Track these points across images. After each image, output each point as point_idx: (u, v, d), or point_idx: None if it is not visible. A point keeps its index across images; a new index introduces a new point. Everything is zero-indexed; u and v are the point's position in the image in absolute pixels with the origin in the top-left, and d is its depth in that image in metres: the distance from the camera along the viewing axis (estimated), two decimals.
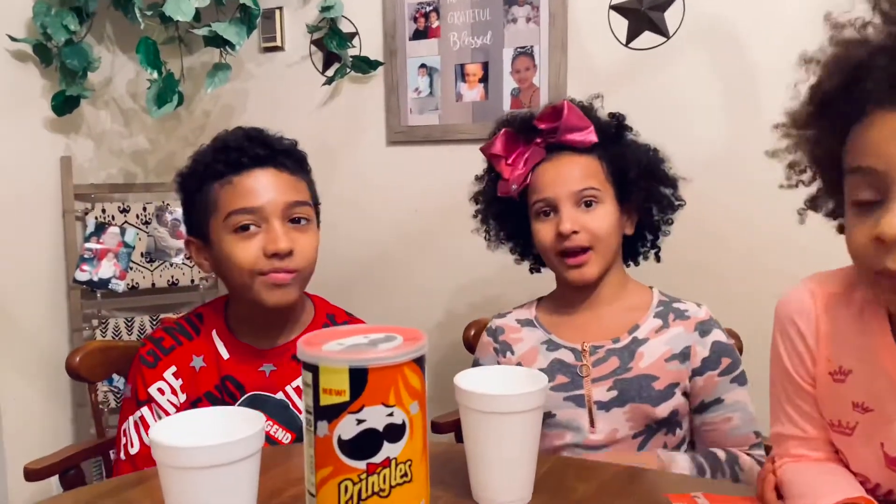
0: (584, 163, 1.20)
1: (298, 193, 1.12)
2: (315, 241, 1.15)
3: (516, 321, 1.29)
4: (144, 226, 2.18)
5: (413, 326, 2.01)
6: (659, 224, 1.27)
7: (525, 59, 1.87)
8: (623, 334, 1.19)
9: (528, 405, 0.85)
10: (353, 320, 1.27)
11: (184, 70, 2.13)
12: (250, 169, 1.09)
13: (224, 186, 1.10)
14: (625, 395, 1.14)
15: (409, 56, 1.99)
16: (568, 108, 1.19)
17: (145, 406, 1.13)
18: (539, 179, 1.21)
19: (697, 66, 1.73)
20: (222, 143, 1.13)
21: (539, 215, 1.21)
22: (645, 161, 1.23)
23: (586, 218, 1.17)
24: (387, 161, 2.07)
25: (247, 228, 1.09)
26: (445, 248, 2.02)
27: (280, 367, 1.17)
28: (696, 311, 1.21)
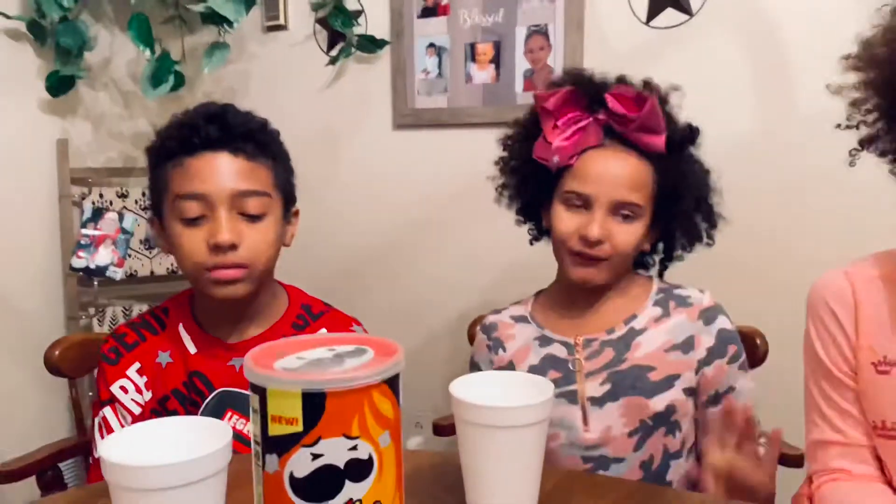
0: (638, 170, 1.06)
1: (253, 182, 1.02)
2: (269, 235, 1.04)
3: (510, 317, 1.21)
4: (144, 212, 2.11)
5: (417, 318, 1.96)
6: (678, 252, 1.18)
7: (539, 38, 1.77)
8: (619, 325, 1.11)
9: (532, 418, 0.76)
10: (332, 311, 1.17)
11: (185, 50, 2.05)
12: (201, 151, 1.00)
13: (175, 167, 1.01)
14: (618, 389, 1.06)
15: (417, 35, 1.89)
16: (652, 107, 1.04)
17: (108, 406, 1.06)
18: (584, 167, 1.07)
19: (723, 46, 1.62)
20: (180, 121, 1.04)
21: (567, 201, 1.09)
22: (697, 192, 1.12)
23: (616, 230, 1.06)
24: (393, 146, 1.98)
25: (197, 219, 1.00)
26: (454, 236, 1.93)
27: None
28: (700, 298, 1.12)
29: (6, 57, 1.92)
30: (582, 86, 1.10)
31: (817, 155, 1.57)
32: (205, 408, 1.05)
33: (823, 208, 1.57)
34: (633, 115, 1.05)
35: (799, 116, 1.58)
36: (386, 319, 1.98)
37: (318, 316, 1.15)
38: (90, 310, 2.06)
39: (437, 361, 1.97)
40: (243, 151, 1.01)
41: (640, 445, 1.07)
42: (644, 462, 1.08)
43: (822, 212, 1.58)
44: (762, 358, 1.29)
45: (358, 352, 0.52)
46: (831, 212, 1.57)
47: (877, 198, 1.51)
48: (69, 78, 1.95)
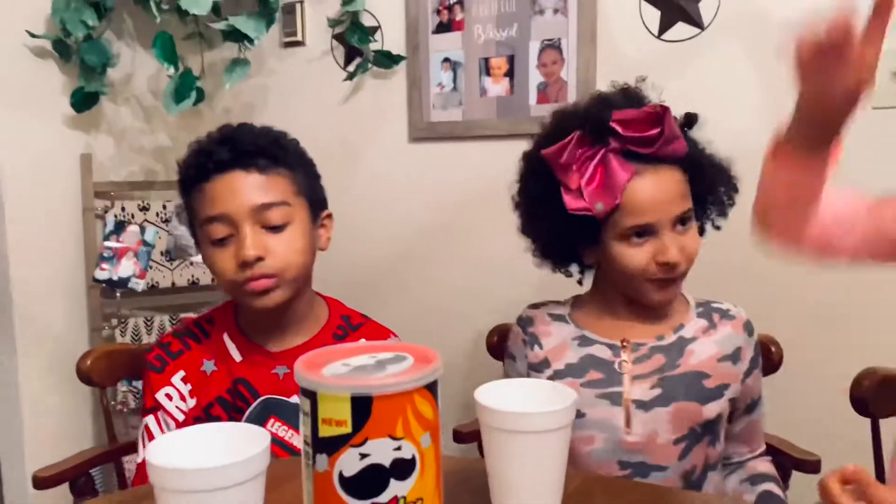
0: (677, 178, 1.06)
1: (269, 193, 1.05)
2: (297, 241, 1.06)
3: (548, 315, 1.21)
4: (164, 224, 2.15)
5: (435, 327, 1.98)
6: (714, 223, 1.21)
7: (552, 52, 1.80)
8: (668, 332, 1.13)
9: (555, 423, 0.79)
10: (370, 322, 1.21)
11: (204, 66, 2.09)
12: (216, 174, 1.04)
13: (197, 194, 1.06)
14: (670, 394, 1.07)
15: (432, 50, 1.93)
16: (668, 118, 1.03)
17: (151, 414, 1.10)
18: (634, 200, 1.04)
19: (734, 59, 1.65)
20: (195, 148, 1.08)
21: (629, 238, 1.06)
22: (717, 169, 1.15)
23: (684, 240, 1.07)
24: (409, 158, 2.01)
25: (222, 238, 1.04)
26: (469, 246, 1.96)
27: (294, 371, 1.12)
28: (739, 312, 1.17)
29: (32, 74, 1.97)
30: (581, 126, 1.07)
31: None
32: (249, 414, 1.08)
33: None
34: (654, 134, 1.03)
35: None
36: (403, 328, 1.99)
37: (357, 327, 1.19)
38: (113, 321, 2.10)
39: (453, 370, 1.99)
40: (255, 166, 1.04)
41: (685, 454, 1.07)
42: (686, 472, 1.08)
43: None
44: (777, 364, 1.31)
45: (398, 359, 0.55)
46: None
47: None
48: (93, 94, 1.99)
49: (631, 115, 1.05)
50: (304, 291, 1.13)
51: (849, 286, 1.58)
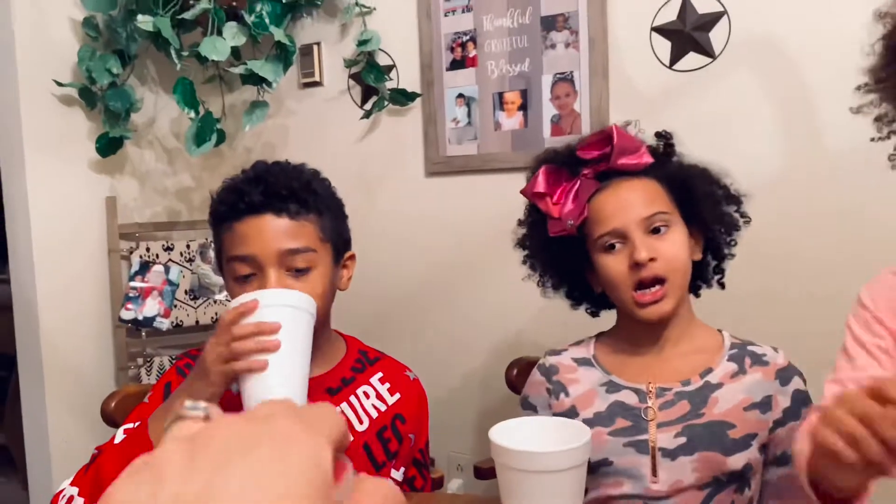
0: (645, 186, 1.10)
1: (297, 240, 1.06)
2: (318, 288, 1.07)
3: (572, 359, 1.19)
4: (188, 263, 2.19)
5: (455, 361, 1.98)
6: (725, 246, 1.19)
7: (565, 84, 1.82)
8: (694, 377, 1.09)
9: (570, 463, 0.79)
10: (387, 358, 1.23)
11: (225, 107, 2.14)
12: (247, 215, 1.06)
13: (226, 231, 1.08)
14: (695, 443, 1.04)
15: (447, 86, 1.96)
16: (617, 131, 1.10)
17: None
18: (601, 211, 1.10)
19: (746, 88, 1.65)
20: (229, 185, 1.10)
21: (606, 249, 1.10)
22: (706, 177, 1.15)
23: (660, 244, 1.07)
24: (426, 192, 2.03)
25: (246, 276, 1.06)
26: (487, 278, 1.97)
27: (312, 399, 1.12)
28: (775, 357, 1.11)
29: (59, 121, 2.03)
30: (554, 160, 1.16)
31: (842, 191, 1.58)
32: None
33: (849, 244, 1.58)
34: (607, 149, 1.09)
35: (823, 153, 1.60)
36: (422, 362, 2.01)
37: (374, 361, 1.21)
38: (139, 360, 2.14)
39: (473, 403, 1.99)
40: (286, 211, 1.06)
41: (710, 500, 1.05)
42: None
43: (847, 249, 1.58)
44: None
45: None
46: (857, 248, 1.57)
47: None
48: (117, 139, 2.05)
49: (588, 139, 1.13)
50: (323, 329, 1.15)
51: None
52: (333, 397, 1.13)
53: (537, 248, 1.20)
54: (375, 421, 1.14)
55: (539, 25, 1.84)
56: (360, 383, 1.16)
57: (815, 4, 1.58)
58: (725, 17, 1.66)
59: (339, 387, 1.14)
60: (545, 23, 1.83)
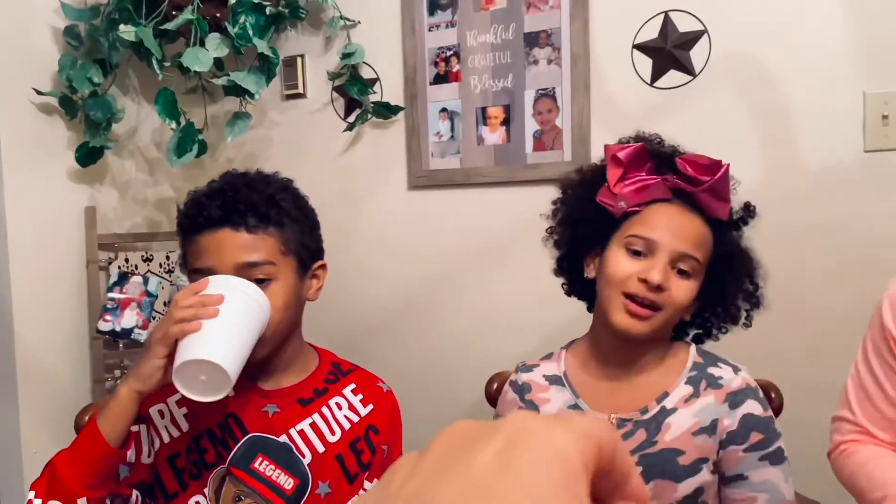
0: (702, 229, 1.08)
1: (255, 253, 1.06)
2: (277, 298, 1.07)
3: (544, 377, 1.19)
4: (168, 274, 2.17)
5: (435, 376, 1.97)
6: (714, 328, 1.18)
7: (547, 100, 1.83)
8: (651, 403, 1.10)
9: None
10: (360, 370, 1.23)
11: (207, 118, 2.14)
12: (206, 229, 1.06)
13: (189, 243, 1.09)
14: (649, 472, 1.05)
15: (430, 100, 1.97)
16: (725, 172, 1.07)
17: (144, 425, 1.10)
18: (651, 216, 1.07)
19: (726, 105, 1.67)
20: (193, 198, 1.10)
21: (628, 248, 1.08)
22: (745, 271, 1.14)
23: (674, 282, 1.05)
24: (408, 205, 2.03)
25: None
26: (469, 293, 1.97)
27: (284, 410, 1.13)
28: (731, 380, 1.09)
29: (38, 130, 2.01)
30: (654, 146, 1.13)
31: (821, 209, 1.60)
32: (236, 452, 1.09)
33: (829, 262, 1.60)
34: (706, 178, 1.07)
35: (802, 171, 1.62)
36: (404, 377, 2.00)
37: (347, 372, 1.21)
38: (115, 372, 2.11)
39: (454, 418, 1.98)
40: (244, 225, 1.06)
41: None
42: None
43: (828, 266, 1.60)
44: (777, 410, 1.30)
45: None
46: (837, 265, 1.59)
47: (885, 250, 1.54)
48: (98, 149, 2.03)
49: (695, 158, 1.09)
50: (291, 340, 1.15)
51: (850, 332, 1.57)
52: (305, 408, 1.13)
53: (571, 199, 1.18)
54: (348, 432, 1.14)
55: (522, 41, 1.85)
56: (332, 394, 1.16)
57: (793, 24, 1.61)
58: (706, 35, 1.68)
59: (310, 398, 1.14)
60: (528, 39, 1.84)
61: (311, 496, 1.09)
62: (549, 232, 1.22)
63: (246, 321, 0.99)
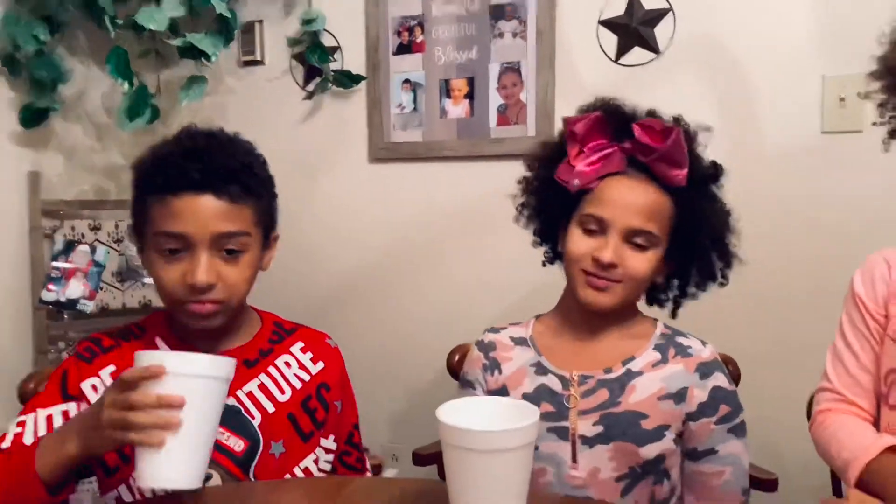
0: (656, 200, 1.07)
1: (234, 223, 1.02)
2: (247, 271, 1.05)
3: (510, 338, 1.20)
4: (116, 244, 2.09)
5: (399, 349, 1.96)
6: (691, 288, 1.18)
7: (512, 74, 1.82)
8: (616, 365, 1.10)
9: (518, 442, 0.77)
10: (304, 327, 1.19)
11: (160, 84, 2.06)
12: (184, 192, 0.99)
13: (156, 203, 1.01)
14: (610, 432, 1.05)
15: (393, 71, 1.93)
16: (676, 139, 1.04)
17: (74, 402, 1.04)
18: (603, 192, 1.08)
19: (690, 83, 1.68)
20: (163, 156, 1.03)
21: (582, 225, 1.09)
22: (715, 231, 1.13)
23: (629, 256, 1.06)
24: (369, 178, 2.00)
25: (175, 251, 1.01)
26: (431, 269, 1.95)
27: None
28: (700, 350, 1.11)
29: None
30: (610, 114, 1.11)
31: (780, 189, 1.63)
32: None
33: (787, 241, 1.63)
34: (658, 146, 1.05)
35: (762, 152, 1.64)
36: (363, 352, 1.98)
37: (291, 331, 1.17)
38: (60, 343, 2.03)
39: (415, 391, 1.97)
40: (227, 193, 1.01)
41: (628, 492, 1.06)
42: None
43: (786, 244, 1.63)
44: (735, 383, 1.32)
45: None
46: (795, 244, 1.62)
47: (841, 229, 1.58)
48: (43, 110, 1.94)
49: (651, 123, 1.08)
50: (241, 308, 1.12)
51: (809, 310, 1.61)
52: (251, 369, 1.09)
53: (536, 179, 1.19)
54: (299, 391, 1.11)
55: (488, 14, 1.83)
56: (278, 353, 1.13)
57: (756, 6, 1.62)
58: (671, 14, 1.68)
59: (256, 359, 1.11)
60: (494, 11, 1.82)
61: (264, 456, 1.06)
62: (519, 210, 1.22)
63: (215, 416, 0.85)
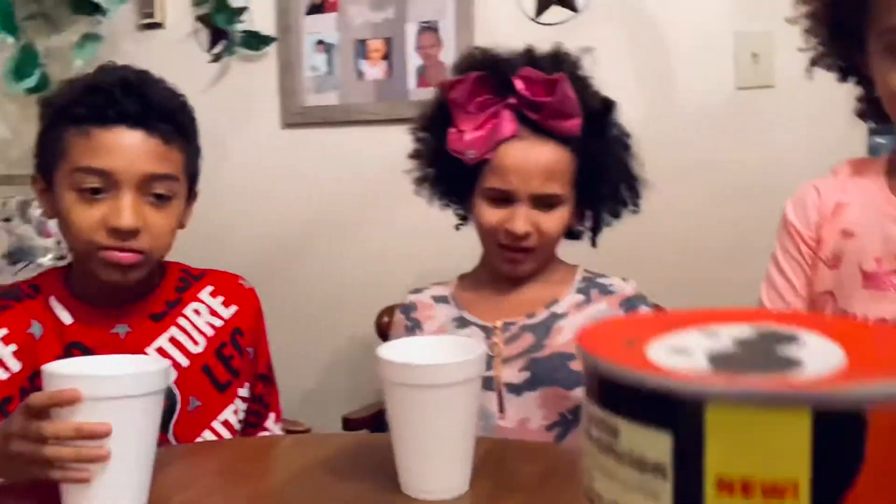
0: (556, 158, 1.04)
1: (165, 165, 0.95)
2: (173, 221, 0.99)
3: (432, 297, 1.17)
4: (5, 222, 1.93)
5: (317, 323, 1.88)
6: (604, 223, 1.17)
7: (430, 35, 1.77)
8: (540, 309, 1.09)
9: (462, 375, 0.74)
10: (212, 271, 1.12)
11: (51, 50, 1.90)
12: (114, 124, 0.92)
13: (78, 135, 0.93)
14: (537, 377, 1.03)
15: (305, 32, 1.85)
16: (563, 90, 1.00)
17: None
18: (501, 161, 1.04)
19: (609, 43, 1.67)
20: (93, 83, 0.95)
21: (488, 197, 1.07)
22: (621, 164, 1.11)
23: (541, 218, 1.05)
24: (283, 145, 1.92)
25: (95, 191, 0.92)
26: (349, 235, 1.89)
27: (136, 329, 1.01)
28: (622, 287, 1.12)
29: None
30: (489, 69, 1.06)
31: (696, 145, 1.65)
32: None
33: (705, 192, 1.66)
34: (545, 101, 1.02)
35: (678, 109, 1.66)
36: (280, 322, 1.89)
37: (199, 277, 1.09)
38: None
39: (339, 360, 1.91)
40: (160, 132, 0.94)
41: (560, 441, 1.04)
42: None
43: (704, 196, 1.66)
44: None
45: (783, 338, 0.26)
46: (712, 195, 1.65)
47: (751, 186, 1.61)
48: None
49: (533, 75, 1.03)
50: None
51: (727, 266, 1.64)
52: (159, 322, 1.02)
53: (428, 151, 1.14)
54: (213, 339, 1.04)
55: None
56: (187, 302, 1.05)
57: None
58: None
59: (163, 311, 1.03)
60: None
61: (182, 414, 0.98)
62: (418, 183, 1.18)
63: (151, 434, 0.71)
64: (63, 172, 0.93)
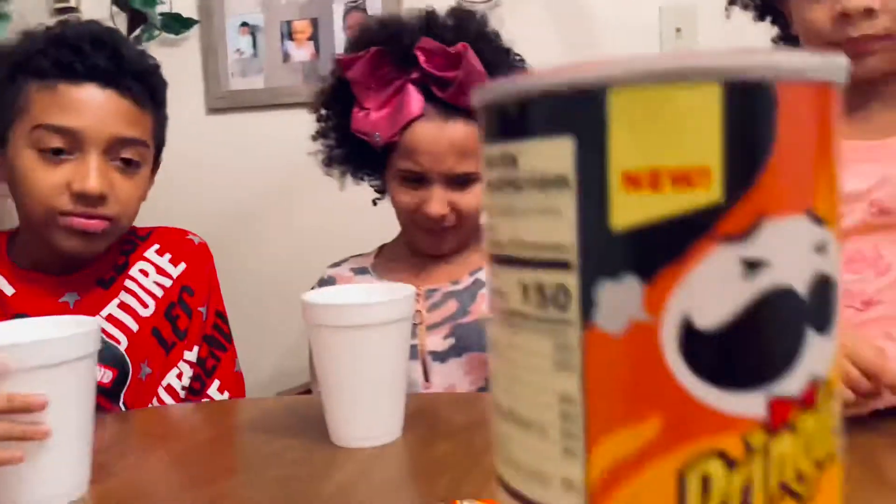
0: (468, 135, 0.98)
1: (136, 129, 0.91)
2: (140, 190, 0.95)
3: (350, 269, 1.14)
4: None
5: (242, 308, 1.81)
6: None
7: (357, 14, 1.75)
8: (464, 276, 1.06)
9: (391, 315, 0.72)
10: (159, 228, 1.08)
11: None
12: (83, 81, 0.87)
13: (42, 90, 0.87)
14: (463, 343, 1.00)
15: (228, 14, 1.80)
16: (469, 65, 0.93)
17: None
18: (411, 143, 0.98)
19: (532, 24, 1.69)
20: (60, 36, 0.89)
21: (401, 178, 1.02)
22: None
23: (457, 197, 1.01)
24: (207, 131, 1.86)
25: (58, 152, 0.87)
26: (279, 225, 1.84)
27: (86, 296, 0.95)
28: None
29: None
30: (388, 43, 0.99)
31: None
32: None
33: None
34: (450, 77, 0.96)
35: None
36: None
37: (145, 236, 1.05)
38: None
39: (273, 342, 1.86)
40: (131, 92, 0.89)
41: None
42: None
43: None
44: None
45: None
46: None
47: None
48: None
49: (435, 47, 0.97)
50: None
51: None
52: (108, 289, 0.97)
53: (332, 131, 1.09)
54: (161, 300, 0.99)
55: None
56: (133, 262, 1.00)
57: None
58: None
59: (112, 276, 0.98)
60: None
61: (134, 381, 0.93)
62: (326, 164, 1.12)
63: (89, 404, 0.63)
64: (21, 130, 0.87)
